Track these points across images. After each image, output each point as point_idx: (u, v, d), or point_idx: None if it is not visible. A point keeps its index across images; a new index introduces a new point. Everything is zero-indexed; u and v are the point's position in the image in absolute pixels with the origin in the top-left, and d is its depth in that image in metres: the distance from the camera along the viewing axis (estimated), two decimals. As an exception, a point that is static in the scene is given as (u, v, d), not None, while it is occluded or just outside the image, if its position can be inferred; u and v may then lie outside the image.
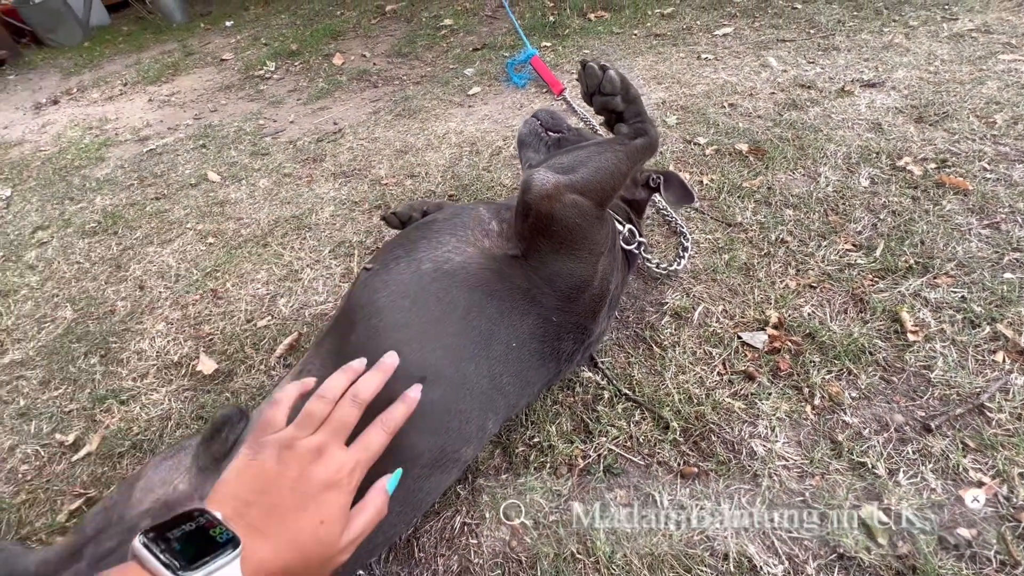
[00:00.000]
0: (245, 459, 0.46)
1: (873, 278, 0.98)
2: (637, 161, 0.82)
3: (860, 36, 1.86)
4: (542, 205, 0.73)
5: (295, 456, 0.46)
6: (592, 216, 0.75)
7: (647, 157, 0.84)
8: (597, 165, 0.77)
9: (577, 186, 0.74)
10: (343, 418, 0.51)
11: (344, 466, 0.47)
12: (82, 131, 2.51)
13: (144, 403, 1.04)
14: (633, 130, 0.82)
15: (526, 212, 0.74)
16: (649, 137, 0.82)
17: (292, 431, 0.49)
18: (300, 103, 2.36)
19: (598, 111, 0.84)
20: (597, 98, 0.81)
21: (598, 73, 0.80)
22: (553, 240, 0.74)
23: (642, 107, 0.83)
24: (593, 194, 0.75)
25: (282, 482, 0.44)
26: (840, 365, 0.85)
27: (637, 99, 0.82)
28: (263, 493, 0.43)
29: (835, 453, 0.74)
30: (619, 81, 0.80)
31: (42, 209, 1.87)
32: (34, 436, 1.02)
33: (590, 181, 0.75)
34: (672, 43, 2.12)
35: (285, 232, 1.45)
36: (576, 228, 0.74)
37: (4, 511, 0.90)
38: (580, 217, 0.74)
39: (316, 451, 0.47)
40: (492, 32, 2.70)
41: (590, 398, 0.88)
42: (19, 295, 1.43)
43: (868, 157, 1.26)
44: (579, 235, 0.74)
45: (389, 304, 0.70)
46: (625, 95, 0.81)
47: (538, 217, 0.73)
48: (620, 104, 0.81)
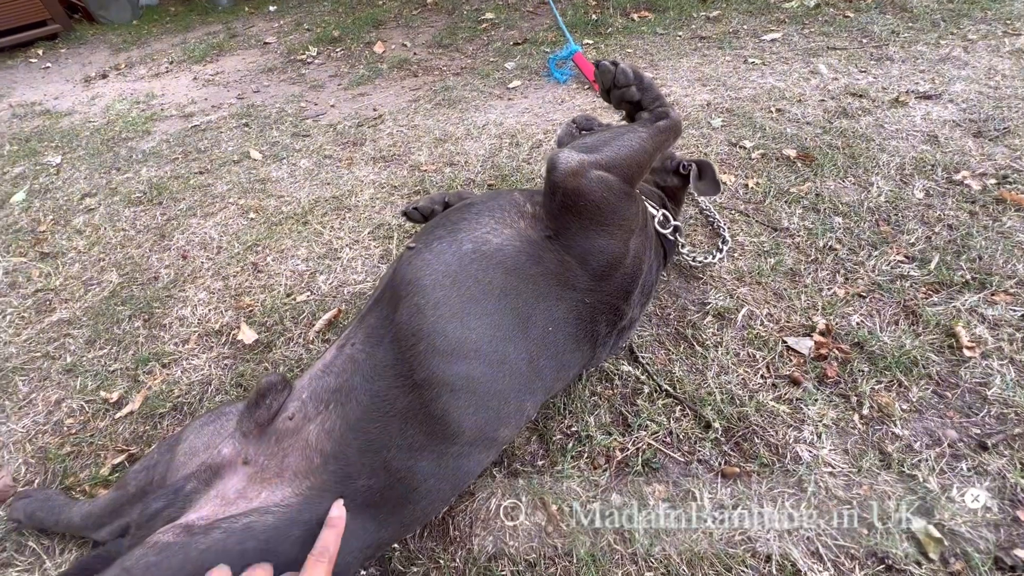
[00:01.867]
0: None
1: (927, 291, 0.95)
2: (661, 142, 0.82)
3: (915, 47, 1.81)
4: (568, 182, 0.73)
5: None
6: (619, 191, 0.75)
7: (671, 138, 0.84)
8: (620, 143, 0.77)
9: (602, 163, 0.75)
10: None
11: None
12: (129, 105, 2.57)
13: (185, 368, 1.07)
14: (654, 114, 0.83)
15: (553, 191, 0.75)
16: (671, 119, 0.82)
17: None
18: (341, 88, 2.39)
19: (617, 106, 0.86)
20: (614, 92, 0.83)
21: (611, 68, 0.82)
22: (582, 217, 0.74)
23: (658, 92, 0.84)
24: (618, 170, 0.76)
25: None
26: (891, 376, 0.83)
27: (652, 86, 0.83)
28: None
29: (884, 464, 0.72)
30: (631, 72, 0.81)
31: (90, 177, 1.92)
32: (80, 392, 1.05)
33: (614, 158, 0.76)
34: (718, 46, 2.09)
35: (325, 212, 1.47)
36: (603, 203, 0.74)
37: (50, 461, 0.92)
38: (607, 192, 0.74)
39: None
40: (533, 28, 2.70)
41: (629, 392, 0.87)
42: (67, 257, 1.47)
43: (923, 169, 1.23)
44: (607, 210, 0.74)
45: (431, 283, 0.70)
46: (639, 84, 0.82)
47: (565, 194, 0.73)
48: (636, 93, 0.82)
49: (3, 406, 1.04)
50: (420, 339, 0.66)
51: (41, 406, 1.03)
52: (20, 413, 1.03)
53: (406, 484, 0.63)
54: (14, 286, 1.38)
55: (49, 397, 1.05)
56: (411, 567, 0.70)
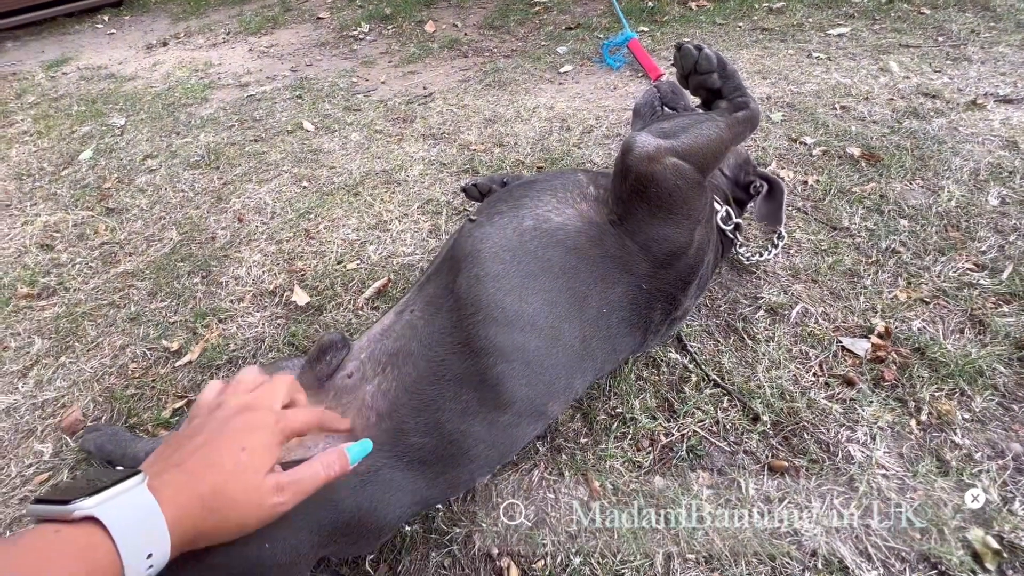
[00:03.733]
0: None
1: (997, 301, 0.91)
2: (739, 133, 0.80)
3: (997, 48, 1.71)
4: (642, 167, 0.72)
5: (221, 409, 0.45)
6: (692, 181, 0.74)
7: (749, 130, 0.82)
8: (699, 132, 0.76)
9: (678, 150, 0.73)
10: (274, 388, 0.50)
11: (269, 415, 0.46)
12: (189, 72, 2.66)
13: (240, 324, 1.11)
14: (733, 104, 0.81)
15: (625, 174, 0.74)
16: (751, 110, 0.80)
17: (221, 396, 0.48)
18: (391, 65, 2.41)
19: (695, 91, 0.84)
20: (693, 78, 0.81)
21: (694, 53, 0.79)
22: (651, 203, 0.73)
23: (740, 81, 0.82)
24: (694, 159, 0.74)
25: (206, 425, 0.44)
26: (952, 384, 0.80)
27: (735, 74, 0.81)
28: (187, 439, 0.43)
29: (941, 471, 0.70)
30: (715, 58, 0.79)
31: (152, 139, 2.00)
32: (142, 339, 1.11)
33: (691, 147, 0.74)
34: (780, 39, 2.02)
35: (375, 184, 1.50)
36: (676, 191, 0.73)
37: (116, 401, 0.98)
38: (680, 180, 0.73)
39: (242, 405, 0.46)
40: (586, 12, 2.66)
41: (676, 379, 0.87)
42: (130, 214, 1.55)
43: (999, 175, 1.17)
44: (678, 199, 0.73)
45: (491, 256, 0.71)
46: (722, 72, 0.80)
47: (638, 179, 0.73)
48: (717, 81, 0.80)
49: (74, 347, 1.11)
50: (479, 309, 0.67)
51: (107, 350, 1.10)
52: (88, 355, 1.09)
53: (457, 446, 0.65)
54: (82, 238, 1.46)
55: (115, 342, 1.11)
56: (454, 528, 0.72)
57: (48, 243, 1.45)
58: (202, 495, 0.38)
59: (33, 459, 0.90)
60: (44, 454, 0.91)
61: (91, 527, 0.33)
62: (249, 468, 0.40)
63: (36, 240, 1.46)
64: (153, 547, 0.34)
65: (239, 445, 0.41)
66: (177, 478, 0.38)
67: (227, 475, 0.39)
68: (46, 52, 3.25)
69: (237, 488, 0.39)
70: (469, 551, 0.70)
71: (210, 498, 0.38)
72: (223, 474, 0.39)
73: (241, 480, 0.40)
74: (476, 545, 0.70)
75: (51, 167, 1.85)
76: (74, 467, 0.88)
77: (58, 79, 2.77)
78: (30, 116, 2.31)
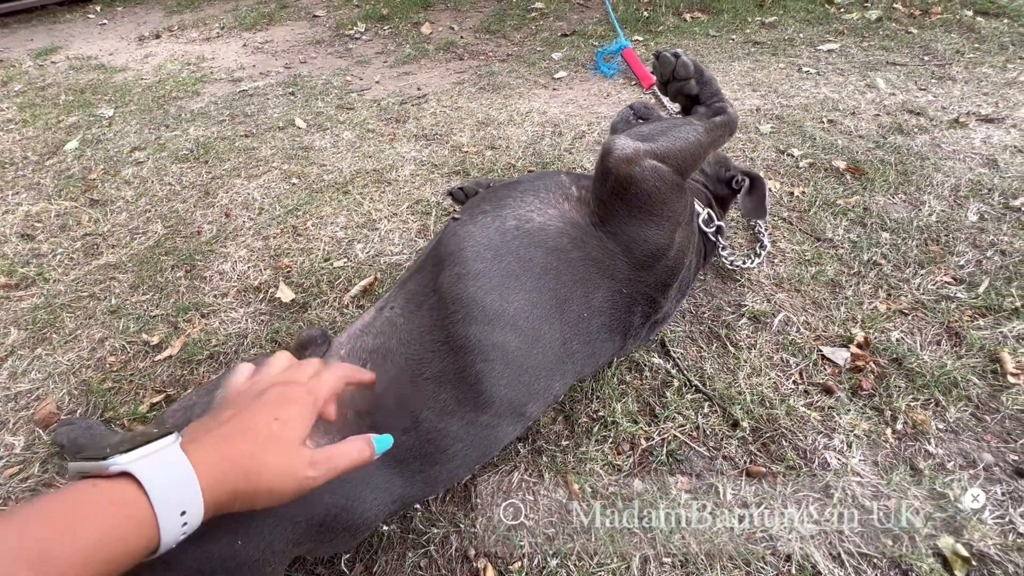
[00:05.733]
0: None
1: (973, 314, 0.93)
2: (717, 137, 0.82)
3: (980, 69, 1.75)
4: (621, 169, 0.73)
5: (254, 387, 0.46)
6: (671, 183, 0.75)
7: (726, 135, 0.83)
8: (677, 135, 0.77)
9: (657, 152, 0.75)
10: (304, 367, 0.50)
11: (300, 388, 0.46)
12: (180, 66, 2.63)
13: (223, 319, 1.10)
14: (711, 109, 0.82)
15: (606, 175, 0.75)
16: (728, 115, 0.82)
17: (254, 377, 0.49)
18: (386, 65, 2.41)
19: (674, 98, 0.86)
20: (672, 84, 0.83)
21: (671, 60, 0.81)
22: (631, 205, 0.74)
23: (717, 88, 0.84)
24: (672, 162, 0.76)
25: (238, 401, 0.44)
26: (928, 394, 0.81)
27: (712, 81, 0.83)
28: (219, 413, 0.43)
29: (915, 480, 0.71)
30: (692, 65, 0.81)
31: (140, 132, 1.98)
32: (122, 332, 1.09)
33: (670, 149, 0.76)
34: (771, 52, 2.05)
35: (365, 183, 1.49)
36: (655, 193, 0.74)
37: (92, 394, 0.96)
38: (659, 182, 0.74)
39: (274, 381, 0.47)
40: (582, 20, 2.68)
41: (658, 384, 0.87)
42: (115, 206, 1.53)
43: (979, 192, 1.19)
44: (657, 200, 0.74)
45: (474, 254, 0.71)
46: (699, 78, 0.82)
47: (617, 181, 0.73)
48: (695, 87, 0.82)
49: (51, 339, 1.09)
50: (459, 307, 0.67)
51: (85, 342, 1.08)
52: (66, 347, 1.07)
53: (435, 445, 0.65)
54: (64, 228, 1.44)
55: (93, 335, 1.09)
56: (432, 528, 0.71)
57: (29, 233, 1.42)
58: (235, 460, 0.38)
59: (4, 451, 0.88)
60: (15, 447, 0.89)
61: (126, 482, 0.33)
62: (283, 437, 0.41)
63: (17, 229, 1.44)
64: (187, 505, 0.34)
65: (272, 416, 0.41)
66: (210, 443, 0.38)
67: (261, 442, 0.39)
68: (35, 40, 3.20)
69: (271, 456, 0.39)
70: (446, 552, 0.70)
71: (243, 463, 0.38)
72: (257, 442, 0.39)
73: (274, 448, 0.40)
74: (453, 546, 0.70)
75: (35, 156, 1.82)
76: (46, 460, 0.86)
77: (46, 68, 2.73)
78: (16, 104, 2.27)
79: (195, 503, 0.35)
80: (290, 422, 0.42)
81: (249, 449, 0.39)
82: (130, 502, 0.33)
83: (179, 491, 0.34)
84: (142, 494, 0.33)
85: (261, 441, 0.40)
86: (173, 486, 0.34)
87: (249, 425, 0.40)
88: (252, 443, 0.39)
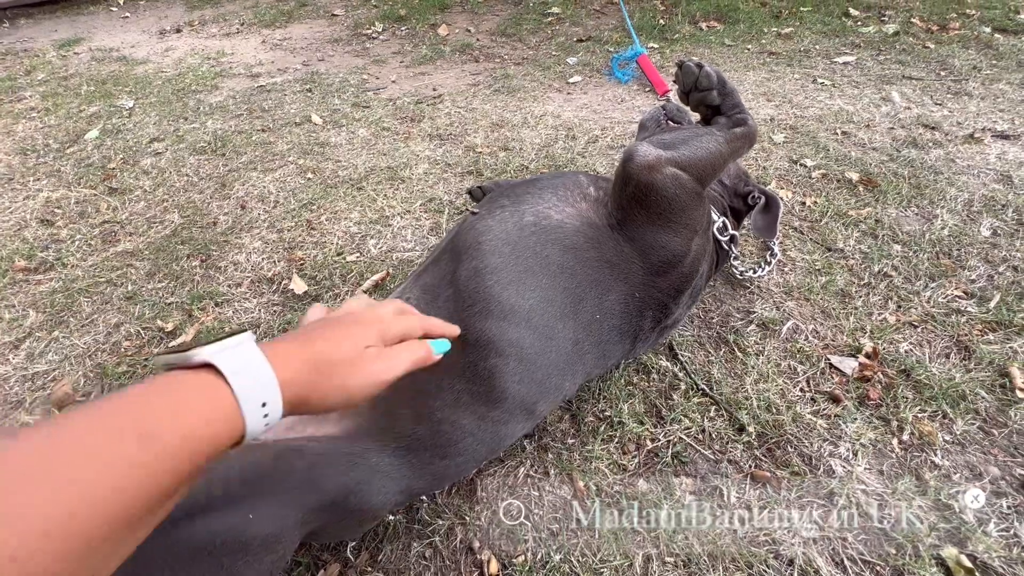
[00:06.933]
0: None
1: (983, 329, 0.93)
2: (737, 148, 0.82)
3: (997, 86, 1.75)
4: (642, 175, 0.74)
5: (329, 317, 0.48)
6: (691, 191, 0.76)
7: (747, 146, 0.84)
8: (698, 144, 0.78)
9: (678, 161, 0.75)
10: (383, 305, 0.51)
11: (374, 322, 0.47)
12: (200, 60, 2.67)
13: (237, 309, 1.12)
14: (732, 120, 0.83)
15: (626, 181, 0.75)
16: (749, 127, 0.82)
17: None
18: (403, 65, 2.44)
19: (695, 108, 0.86)
20: (694, 94, 0.84)
21: (695, 70, 0.82)
22: (650, 211, 0.75)
23: (739, 99, 0.84)
24: (693, 170, 0.76)
25: (310, 325, 0.46)
26: (936, 407, 0.81)
27: (733, 92, 0.84)
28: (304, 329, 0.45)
29: (920, 490, 0.71)
30: (715, 76, 0.82)
31: (159, 123, 2.01)
32: (137, 318, 1.11)
33: (691, 158, 0.76)
34: (787, 63, 2.06)
35: (379, 180, 1.51)
36: (675, 200, 0.74)
37: (107, 377, 0.98)
38: (679, 190, 0.74)
39: (346, 314, 0.48)
40: (598, 26, 2.70)
41: (665, 386, 0.88)
42: (133, 195, 1.55)
43: (992, 208, 1.19)
44: (676, 208, 0.75)
45: (491, 248, 0.72)
46: (722, 89, 0.83)
47: (638, 187, 0.74)
48: (716, 98, 0.83)
49: (68, 322, 1.11)
50: (476, 300, 0.68)
51: (101, 327, 1.10)
52: (82, 331, 1.09)
53: (446, 437, 0.66)
54: (83, 215, 1.47)
55: (109, 320, 1.11)
56: (437, 519, 0.72)
57: (49, 218, 1.45)
58: (307, 359, 0.39)
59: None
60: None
61: (209, 373, 0.34)
62: (352, 340, 0.43)
63: (37, 215, 1.47)
64: (267, 398, 0.35)
65: (343, 334, 0.43)
66: (285, 344, 0.40)
67: (333, 345, 0.42)
68: (59, 31, 3.26)
69: (341, 355, 0.41)
70: (451, 543, 0.71)
71: (316, 361, 0.40)
72: (329, 344, 0.41)
73: (344, 348, 0.42)
74: (458, 538, 0.71)
75: (56, 144, 1.86)
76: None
77: (69, 58, 2.78)
78: (39, 93, 2.32)
79: (274, 396, 0.36)
80: (359, 336, 0.44)
81: (322, 349, 0.41)
82: (216, 389, 0.34)
83: (259, 383, 0.35)
84: (225, 384, 0.34)
85: (333, 343, 0.42)
86: (253, 378, 0.35)
87: (321, 334, 0.43)
88: (324, 344, 0.41)
